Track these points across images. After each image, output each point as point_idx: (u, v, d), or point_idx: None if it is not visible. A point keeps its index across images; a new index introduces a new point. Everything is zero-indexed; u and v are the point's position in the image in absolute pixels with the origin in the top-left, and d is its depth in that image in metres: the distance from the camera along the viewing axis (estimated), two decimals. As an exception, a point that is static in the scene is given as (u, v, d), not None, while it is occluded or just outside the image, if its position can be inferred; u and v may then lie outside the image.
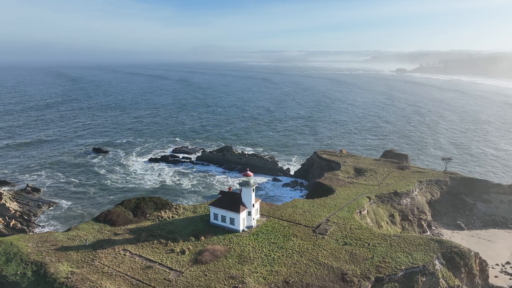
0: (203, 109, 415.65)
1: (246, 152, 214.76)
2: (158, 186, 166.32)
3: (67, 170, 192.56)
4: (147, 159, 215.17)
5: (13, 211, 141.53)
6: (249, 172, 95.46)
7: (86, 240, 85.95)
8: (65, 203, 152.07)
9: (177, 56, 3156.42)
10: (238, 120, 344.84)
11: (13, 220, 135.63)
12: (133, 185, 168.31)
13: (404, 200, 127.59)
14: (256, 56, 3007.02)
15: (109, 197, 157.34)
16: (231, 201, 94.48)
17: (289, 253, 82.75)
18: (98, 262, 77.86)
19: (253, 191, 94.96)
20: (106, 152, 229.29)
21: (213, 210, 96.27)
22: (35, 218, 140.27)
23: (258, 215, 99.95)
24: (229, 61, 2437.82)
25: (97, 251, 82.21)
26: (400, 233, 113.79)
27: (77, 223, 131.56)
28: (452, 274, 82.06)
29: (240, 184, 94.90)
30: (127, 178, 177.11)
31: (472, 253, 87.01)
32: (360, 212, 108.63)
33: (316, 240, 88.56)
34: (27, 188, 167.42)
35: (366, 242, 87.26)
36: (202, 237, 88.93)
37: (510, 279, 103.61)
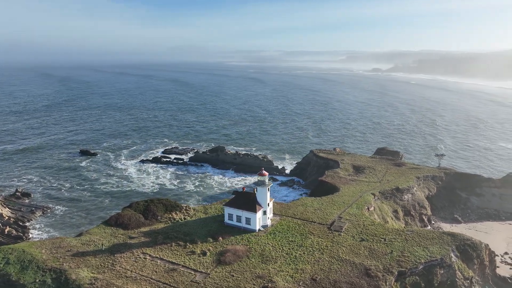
0: (198, 109, 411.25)
1: (240, 152, 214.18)
2: (158, 189, 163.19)
3: (56, 173, 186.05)
4: (138, 161, 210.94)
5: (6, 217, 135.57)
6: (264, 172, 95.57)
7: (102, 244, 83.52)
8: (59, 208, 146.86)
9: (156, 56, 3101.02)
10: (235, 120, 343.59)
11: (7, 226, 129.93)
12: (130, 188, 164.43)
13: (406, 196, 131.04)
14: (235, 56, 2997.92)
15: (105, 201, 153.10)
16: (246, 201, 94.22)
17: (310, 250, 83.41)
18: (119, 266, 75.89)
19: (268, 190, 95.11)
20: (94, 154, 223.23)
21: (228, 210, 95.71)
22: (30, 224, 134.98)
23: (271, 214, 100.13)
24: (210, 61, 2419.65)
25: (115, 255, 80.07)
26: (404, 228, 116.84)
27: (76, 228, 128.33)
28: (466, 266, 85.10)
29: (255, 183, 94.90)
30: (124, 182, 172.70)
31: (483, 244, 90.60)
32: (368, 208, 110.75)
33: (333, 237, 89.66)
34: (17, 193, 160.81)
35: (382, 238, 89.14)
36: (220, 238, 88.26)
37: (510, 268, 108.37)
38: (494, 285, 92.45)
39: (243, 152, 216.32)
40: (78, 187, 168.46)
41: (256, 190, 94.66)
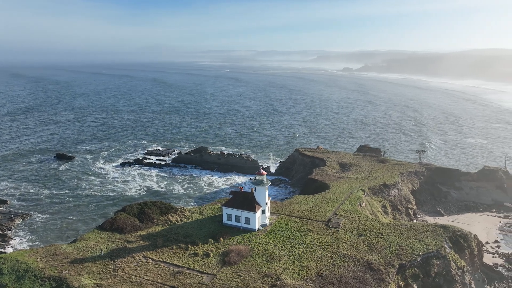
0: (178, 109, 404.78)
1: (224, 152, 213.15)
2: (145, 191, 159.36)
3: (33, 179, 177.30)
4: (118, 163, 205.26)
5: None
6: (263, 171, 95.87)
7: (101, 250, 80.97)
8: (40, 216, 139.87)
9: (127, 55, 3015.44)
10: (217, 119, 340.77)
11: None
12: (115, 193, 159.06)
13: (392, 192, 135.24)
14: (207, 56, 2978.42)
15: (90, 206, 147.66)
16: (245, 200, 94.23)
17: (311, 248, 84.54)
18: (122, 272, 73.92)
19: (267, 189, 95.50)
20: (72, 158, 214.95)
21: (226, 210, 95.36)
22: (11, 233, 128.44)
23: (269, 213, 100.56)
24: (182, 61, 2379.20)
25: (116, 260, 77.92)
26: (393, 222, 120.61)
27: (63, 235, 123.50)
28: (458, 256, 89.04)
29: (254, 183, 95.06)
30: (108, 185, 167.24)
31: (472, 235, 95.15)
32: (360, 204, 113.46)
33: (332, 234, 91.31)
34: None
35: (378, 232, 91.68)
36: (221, 238, 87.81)
37: (493, 257, 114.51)
38: (482, 273, 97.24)
39: (227, 152, 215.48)
40: (58, 193, 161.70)
41: (255, 190, 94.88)
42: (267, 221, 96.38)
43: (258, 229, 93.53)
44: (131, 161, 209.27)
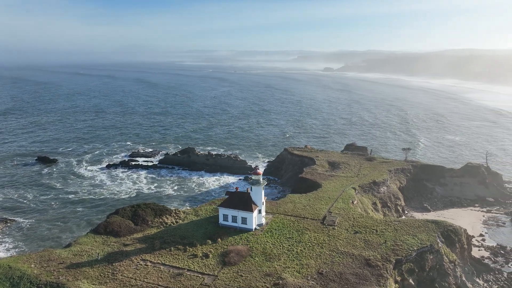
0: (164, 109, 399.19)
1: (212, 153, 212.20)
2: (135, 194, 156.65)
3: (15, 184, 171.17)
4: (104, 166, 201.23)
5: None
6: (258, 171, 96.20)
7: (97, 254, 79.39)
8: (26, 221, 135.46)
9: (104, 56, 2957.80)
10: (204, 119, 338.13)
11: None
12: (104, 196, 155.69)
13: (382, 189, 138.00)
14: (188, 56, 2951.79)
15: (77, 209, 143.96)
16: (241, 200, 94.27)
17: (309, 246, 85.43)
18: (121, 275, 72.74)
19: (263, 189, 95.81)
20: (54, 161, 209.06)
21: (223, 211, 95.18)
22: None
23: (264, 213, 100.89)
24: (164, 61, 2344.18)
25: (114, 264, 76.60)
26: (384, 218, 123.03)
27: (52, 240, 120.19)
28: (450, 250, 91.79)
29: (250, 182, 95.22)
30: (97, 189, 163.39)
31: (462, 229, 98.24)
32: (352, 202, 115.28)
33: (328, 232, 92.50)
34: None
35: (373, 229, 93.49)
36: (219, 239, 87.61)
37: (479, 250, 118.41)
38: (471, 266, 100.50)
39: (215, 153, 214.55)
40: (43, 197, 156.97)
41: (251, 189, 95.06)
42: (263, 221, 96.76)
43: (255, 228, 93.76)
44: (117, 163, 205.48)
